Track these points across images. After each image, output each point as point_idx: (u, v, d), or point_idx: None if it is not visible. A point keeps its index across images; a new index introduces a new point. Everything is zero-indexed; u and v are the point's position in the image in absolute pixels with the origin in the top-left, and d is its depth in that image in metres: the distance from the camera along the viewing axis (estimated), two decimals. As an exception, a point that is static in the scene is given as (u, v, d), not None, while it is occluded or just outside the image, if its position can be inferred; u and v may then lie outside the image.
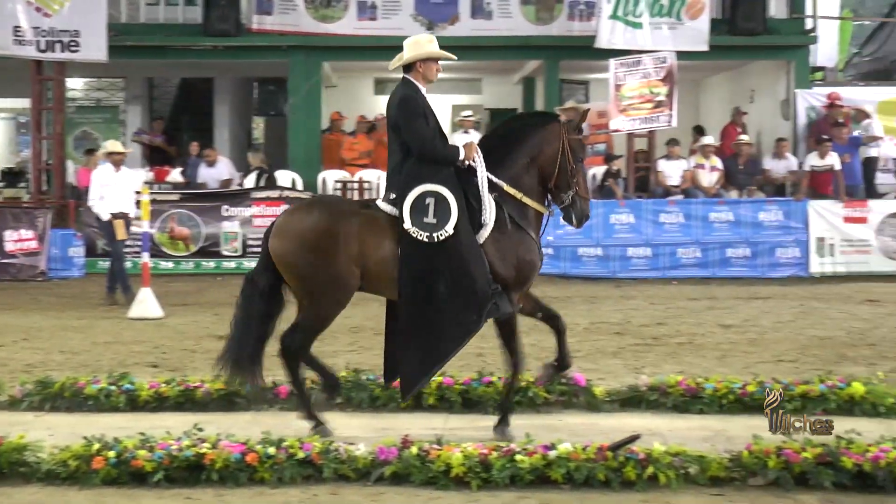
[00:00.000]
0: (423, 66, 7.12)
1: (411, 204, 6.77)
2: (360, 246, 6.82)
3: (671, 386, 7.80)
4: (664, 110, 17.56)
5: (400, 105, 6.99)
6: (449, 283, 6.76)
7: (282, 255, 6.88)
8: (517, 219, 6.98)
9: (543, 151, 7.12)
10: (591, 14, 18.82)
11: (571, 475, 5.99)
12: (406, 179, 6.87)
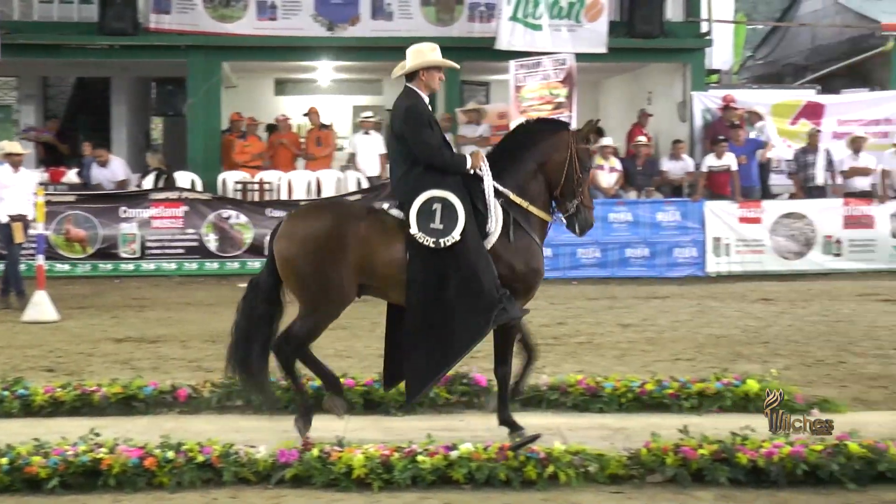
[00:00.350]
0: (425, 74, 7.19)
1: (418, 210, 6.76)
2: (367, 251, 6.78)
3: (571, 385, 7.87)
4: (564, 111, 17.68)
5: (406, 115, 6.98)
6: (457, 288, 6.74)
7: (286, 258, 6.80)
8: (523, 226, 7.00)
9: (551, 159, 7.14)
10: (491, 16, 18.92)
11: (473, 475, 6.02)
12: (413, 186, 6.87)
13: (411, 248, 6.76)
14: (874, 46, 22.15)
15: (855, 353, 10.20)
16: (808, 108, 19.35)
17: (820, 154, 17.91)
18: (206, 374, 8.83)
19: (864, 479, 6.05)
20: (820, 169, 17.79)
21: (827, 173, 17.85)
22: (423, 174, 6.89)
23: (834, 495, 5.90)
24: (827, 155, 17.93)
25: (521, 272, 6.95)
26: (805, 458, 6.08)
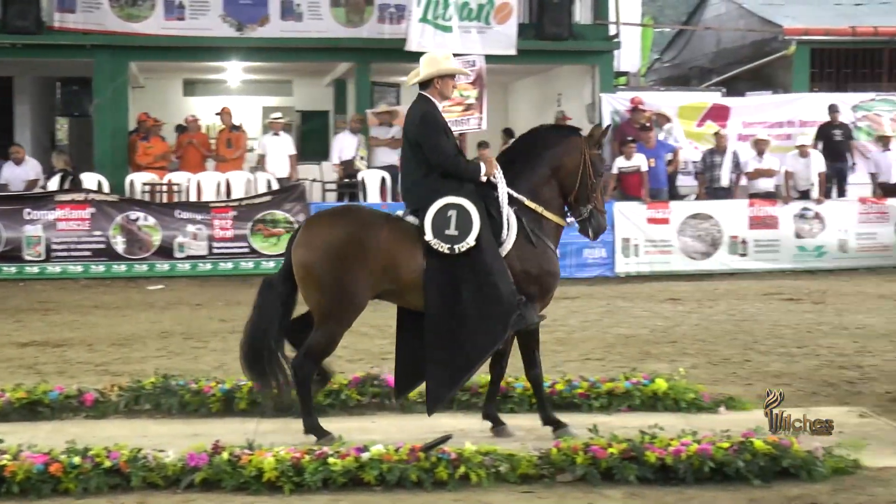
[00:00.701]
0: (439, 82, 7.19)
1: (433, 216, 6.81)
2: (389, 257, 6.81)
3: (482, 386, 7.82)
4: (474, 113, 17.77)
5: (422, 122, 7.03)
6: (474, 294, 6.78)
7: (306, 265, 6.80)
8: (537, 231, 7.06)
9: (565, 165, 7.22)
10: (401, 17, 18.95)
11: (384, 476, 6.01)
12: (428, 193, 6.91)
13: (428, 255, 6.81)
14: (777, 50, 22.60)
15: (760, 352, 10.38)
16: (713, 110, 19.72)
17: (727, 156, 18.24)
18: (114, 377, 8.73)
19: (769, 475, 6.14)
20: (726, 170, 18.12)
21: (733, 175, 18.18)
22: (437, 181, 6.95)
23: (739, 491, 5.98)
24: (734, 157, 18.26)
25: (536, 276, 7.03)
26: (712, 455, 6.14)
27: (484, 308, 6.77)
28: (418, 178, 7.04)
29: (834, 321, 12.36)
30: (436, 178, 6.96)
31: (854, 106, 19.96)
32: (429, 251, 6.81)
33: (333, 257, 6.72)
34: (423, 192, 6.97)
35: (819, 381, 8.98)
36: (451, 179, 6.97)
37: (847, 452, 6.34)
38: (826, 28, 22.54)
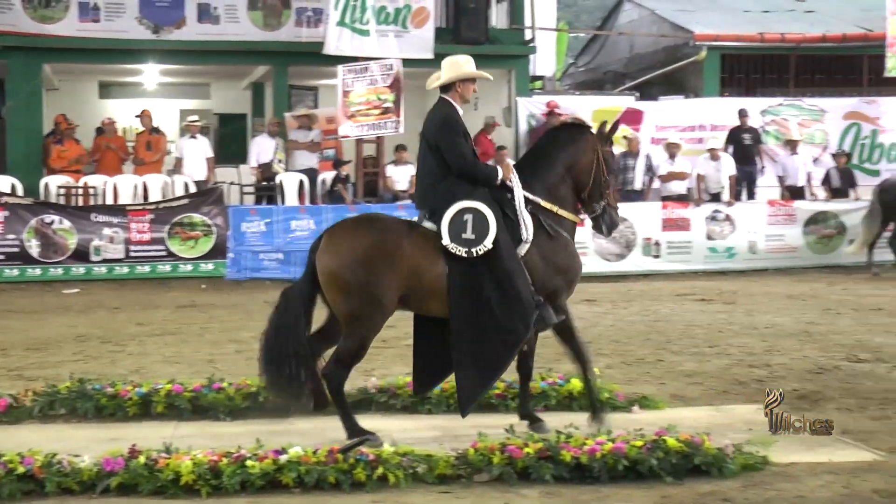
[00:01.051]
0: (461, 86, 7.26)
1: (449, 220, 6.89)
2: (414, 264, 6.87)
3: (400, 388, 7.93)
4: (391, 116, 17.84)
5: (443, 125, 7.09)
6: (495, 296, 6.86)
7: (333, 272, 6.83)
8: (555, 228, 7.19)
9: (579, 163, 7.35)
10: (318, 21, 18.97)
11: (302, 479, 6.00)
12: (444, 197, 7.00)
13: (448, 260, 6.89)
14: (688, 55, 22.98)
15: (673, 352, 10.51)
16: (627, 114, 19.96)
17: (640, 159, 18.52)
18: (29, 382, 8.62)
19: (681, 473, 6.22)
20: (639, 173, 18.40)
21: (645, 177, 18.46)
22: (454, 185, 7.03)
23: (653, 489, 6.05)
24: (647, 160, 18.55)
25: (562, 267, 7.19)
26: (626, 453, 6.21)
27: (506, 308, 6.90)
28: (436, 180, 7.12)
29: (744, 321, 12.56)
30: (452, 182, 7.05)
31: (762, 110, 20.39)
32: (448, 256, 6.90)
33: (361, 264, 6.78)
34: (439, 194, 7.06)
35: (730, 379, 9.11)
36: (467, 183, 7.06)
37: (756, 449, 6.46)
38: (735, 34, 22.98)
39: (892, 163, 20.62)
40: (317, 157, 18.93)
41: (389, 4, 18.10)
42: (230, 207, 17.38)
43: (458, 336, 6.91)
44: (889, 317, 12.91)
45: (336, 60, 17.92)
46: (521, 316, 6.91)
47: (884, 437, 7.00)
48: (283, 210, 17.40)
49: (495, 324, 6.88)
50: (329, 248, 6.92)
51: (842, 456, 6.58)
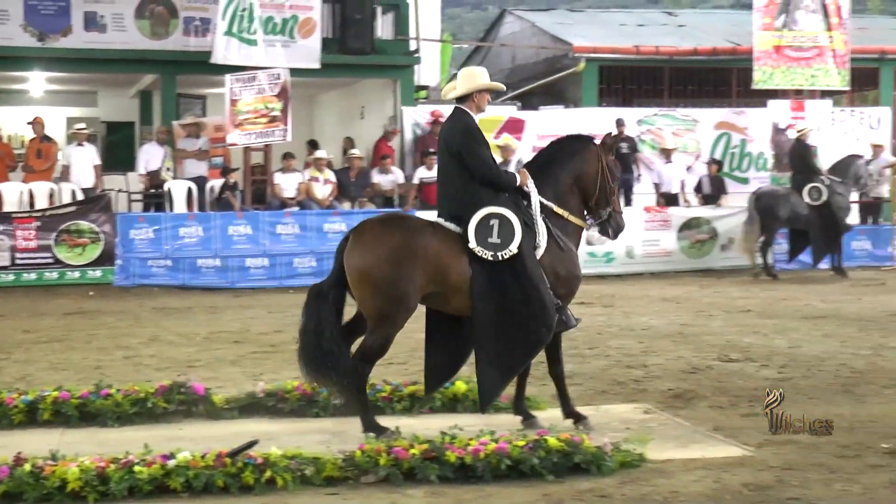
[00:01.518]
0: (477, 96, 7.46)
1: (476, 225, 7.14)
2: (438, 262, 7.11)
3: (288, 391, 7.97)
4: (279, 125, 17.89)
5: (466, 134, 7.30)
6: (519, 299, 7.14)
7: (362, 270, 7.04)
8: (563, 236, 7.49)
9: (586, 172, 7.68)
10: (206, 30, 18.90)
11: (191, 483, 5.97)
12: (470, 203, 7.24)
13: (473, 262, 7.15)
14: (568, 67, 23.39)
15: (554, 354, 10.74)
16: (509, 123, 20.31)
17: (511, 166, 18.83)
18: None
19: (562, 471, 6.32)
20: None
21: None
22: (479, 191, 7.26)
23: (535, 487, 6.15)
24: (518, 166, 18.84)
25: (564, 278, 7.51)
26: (509, 453, 6.30)
27: (529, 311, 7.17)
28: (459, 187, 7.35)
29: (622, 323, 12.83)
30: (476, 188, 7.29)
31: (639, 120, 20.87)
32: (473, 258, 7.16)
33: (389, 262, 6.99)
34: (464, 201, 7.30)
35: (608, 380, 9.33)
36: (490, 189, 7.31)
37: (633, 447, 6.61)
38: (612, 47, 23.46)
39: (760, 171, 21.30)
40: (206, 165, 18.85)
41: (276, 15, 18.12)
42: (118, 215, 17.26)
43: (481, 336, 7.21)
44: (758, 318, 13.32)
45: (224, 69, 17.87)
46: (544, 319, 7.23)
47: (753, 433, 7.21)
48: (171, 217, 17.31)
49: (518, 326, 7.19)
50: (357, 248, 7.14)
51: (713, 452, 6.76)
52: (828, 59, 21.93)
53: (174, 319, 13.62)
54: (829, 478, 6.17)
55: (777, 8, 21.76)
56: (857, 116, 22.28)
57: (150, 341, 11.72)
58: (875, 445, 6.84)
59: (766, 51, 21.82)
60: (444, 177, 7.57)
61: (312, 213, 17.89)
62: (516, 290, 7.19)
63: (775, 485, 6.04)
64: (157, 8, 19.11)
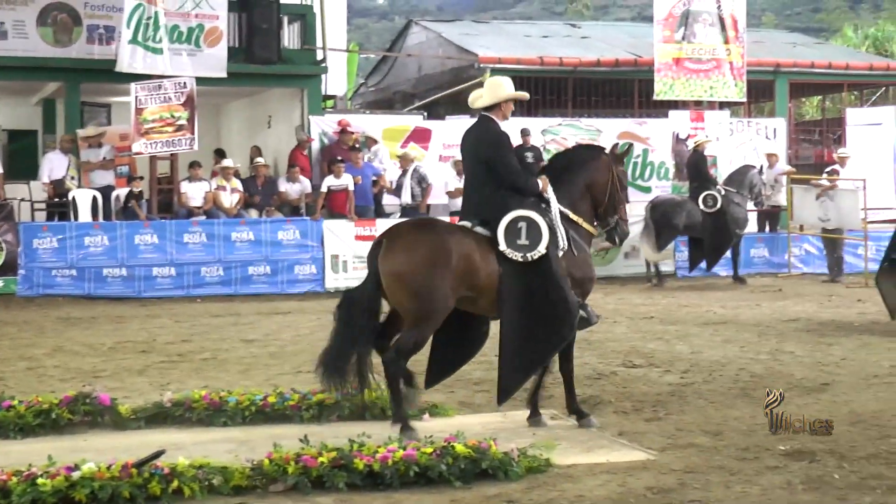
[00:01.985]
0: (504, 105, 7.89)
1: (505, 228, 7.51)
2: (469, 264, 7.42)
3: (195, 401, 7.93)
4: (185, 133, 17.78)
5: (495, 142, 7.76)
6: (544, 298, 7.50)
7: (397, 273, 7.33)
8: (578, 240, 7.86)
9: (597, 181, 8.09)
10: (110, 38, 18.72)
11: (96, 495, 5.88)
12: (498, 207, 7.60)
13: (502, 263, 7.50)
14: (473, 77, 23.46)
15: (461, 361, 10.81)
16: (416, 132, 20.38)
17: (408, 174, 18.97)
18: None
19: (469, 477, 6.36)
20: (406, 187, 18.83)
21: (418, 190, 18.87)
22: (507, 196, 7.66)
23: (442, 493, 6.18)
24: (417, 174, 19.00)
25: (580, 280, 7.84)
26: (416, 460, 6.33)
27: (553, 310, 7.52)
28: (488, 192, 7.72)
29: None
30: (504, 193, 7.68)
31: (543, 130, 21.10)
32: (501, 259, 7.51)
33: (423, 265, 7.29)
34: (493, 205, 7.65)
35: (515, 387, 9.47)
36: (517, 194, 7.70)
37: (540, 452, 6.69)
38: (517, 58, 23.67)
39: (662, 180, 21.67)
40: (112, 174, 18.64)
41: (182, 23, 17.99)
42: (21, 224, 16.98)
43: (507, 333, 7.57)
44: (660, 324, 13.60)
45: (129, 78, 17.70)
46: (567, 317, 7.57)
47: (656, 438, 7.36)
48: (76, 226, 17.07)
49: (544, 324, 7.52)
50: (392, 252, 7.43)
51: (618, 456, 6.87)
52: (725, 72, 22.47)
53: (79, 329, 13.44)
54: (730, 480, 6.32)
55: (677, 21, 22.24)
56: (753, 127, 22.86)
57: (54, 352, 11.56)
58: (773, 447, 7.02)
59: (667, 63, 22.28)
60: (472, 183, 8.03)
61: (220, 221, 17.78)
62: (543, 290, 7.53)
63: (678, 487, 6.16)
64: (60, 15, 18.85)
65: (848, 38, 40.36)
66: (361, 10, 73.25)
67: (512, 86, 7.99)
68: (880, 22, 45.76)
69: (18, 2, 18.67)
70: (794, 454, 6.85)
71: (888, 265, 12.60)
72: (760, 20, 57.47)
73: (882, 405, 8.43)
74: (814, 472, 6.43)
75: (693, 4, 22.30)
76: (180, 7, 17.99)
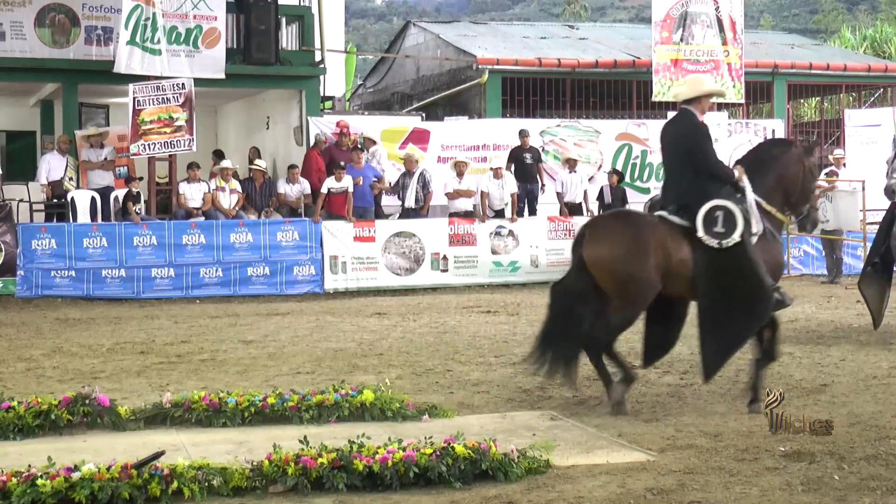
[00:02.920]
0: (704, 100, 8.51)
1: (703, 216, 8.03)
2: (665, 252, 8.03)
3: (195, 402, 7.92)
4: (184, 135, 17.80)
5: (696, 133, 8.32)
6: (740, 282, 8.00)
7: (602, 260, 8.05)
8: (771, 227, 8.37)
9: (790, 173, 8.57)
10: (109, 39, 18.76)
11: (96, 496, 5.87)
12: (698, 195, 8.13)
13: (698, 249, 8.07)
14: (471, 78, 23.56)
15: (460, 362, 10.77)
16: (414, 133, 20.42)
17: (414, 177, 18.97)
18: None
19: (469, 478, 6.35)
20: (412, 191, 18.83)
21: (422, 194, 18.88)
22: (706, 184, 8.21)
23: (442, 494, 6.18)
24: (422, 178, 18.98)
25: (771, 265, 8.32)
26: (416, 461, 6.31)
27: (749, 293, 8.03)
28: (688, 181, 8.28)
29: (527, 331, 12.75)
30: (703, 182, 8.23)
31: (542, 131, 21.09)
32: (697, 246, 8.07)
33: (627, 251, 8.00)
34: (692, 193, 8.18)
35: (514, 387, 9.40)
36: (715, 183, 8.23)
37: (539, 453, 6.66)
38: (515, 59, 23.67)
39: (661, 181, 21.63)
40: (111, 175, 18.66)
41: (180, 25, 18.00)
42: (19, 225, 16.98)
43: (704, 316, 8.14)
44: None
45: (127, 79, 17.71)
46: (762, 300, 8.05)
47: (655, 439, 7.34)
48: (74, 227, 17.07)
49: (739, 306, 8.01)
50: (596, 241, 8.17)
51: (617, 457, 6.86)
52: (724, 73, 22.48)
53: (78, 330, 13.44)
54: (729, 481, 6.31)
55: (674, 23, 22.27)
56: (752, 128, 22.86)
57: (52, 353, 11.56)
58: (772, 448, 7.01)
59: (665, 64, 22.31)
60: (671, 172, 8.62)
61: (218, 223, 17.78)
62: (738, 275, 8.01)
63: (677, 489, 6.15)
64: (58, 16, 18.88)
65: (846, 39, 40.36)
66: (359, 12, 73.36)
67: (712, 83, 8.75)
68: (878, 23, 45.78)
69: (16, 3, 18.70)
70: (793, 455, 6.84)
71: (871, 270, 12.39)
72: (758, 22, 57.57)
73: (881, 406, 8.42)
74: (813, 473, 6.42)
75: (691, 6, 22.33)
76: (178, 8, 18.00)
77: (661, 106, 22.61)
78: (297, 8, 21.39)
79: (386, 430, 7.37)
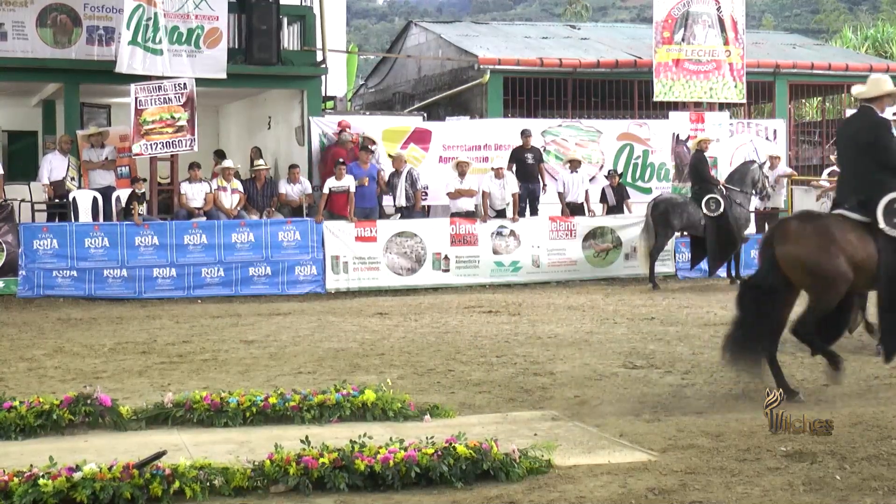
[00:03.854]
0: (886, 98, 8.89)
1: (884, 208, 8.47)
2: (851, 247, 8.44)
3: (196, 402, 7.91)
4: (185, 135, 17.81)
5: (878, 129, 8.70)
6: None
7: (796, 259, 8.46)
8: None
9: None
10: (110, 39, 18.76)
11: (97, 495, 5.88)
12: (877, 188, 8.56)
13: (881, 242, 8.47)
14: (473, 78, 23.55)
15: (461, 362, 10.76)
16: (416, 133, 20.41)
17: (403, 175, 18.97)
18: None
19: (470, 478, 6.35)
20: (401, 189, 18.83)
21: (411, 192, 18.89)
22: (885, 178, 8.58)
23: (444, 494, 6.17)
24: (410, 176, 18.99)
25: None
26: (418, 461, 6.31)
27: None
28: (867, 175, 8.66)
29: (528, 331, 12.95)
30: (882, 175, 8.60)
31: (543, 131, 21.09)
32: (880, 238, 8.47)
33: (819, 249, 8.40)
34: (873, 187, 8.59)
35: (516, 387, 9.40)
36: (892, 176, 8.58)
37: (540, 453, 6.66)
38: (517, 59, 23.65)
39: (662, 181, 21.70)
40: (113, 175, 18.67)
41: (182, 25, 18.01)
42: (21, 225, 16.99)
43: (887, 302, 8.59)
44: (661, 325, 13.54)
45: (129, 79, 17.72)
46: None
47: (657, 439, 7.33)
48: (76, 227, 17.08)
49: None
50: (788, 241, 8.55)
51: (619, 457, 6.85)
52: (725, 73, 22.48)
53: (79, 330, 13.45)
54: (731, 481, 6.30)
55: (676, 23, 22.24)
56: (753, 128, 22.87)
57: (54, 352, 11.57)
58: (774, 449, 7.00)
59: (666, 64, 22.29)
60: (850, 167, 8.94)
61: (220, 222, 17.79)
62: None
63: (679, 489, 6.15)
64: (60, 16, 18.88)
65: (847, 39, 40.36)
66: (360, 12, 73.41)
67: (892, 83, 8.89)
68: (879, 23, 45.77)
69: (18, 3, 18.70)
70: (794, 455, 6.83)
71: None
72: (760, 22, 57.57)
73: (882, 406, 8.42)
74: (815, 474, 6.42)
75: (692, 6, 22.30)
76: (180, 8, 18.02)
77: (662, 106, 22.62)
78: (298, 8, 21.39)
79: (387, 429, 7.36)
